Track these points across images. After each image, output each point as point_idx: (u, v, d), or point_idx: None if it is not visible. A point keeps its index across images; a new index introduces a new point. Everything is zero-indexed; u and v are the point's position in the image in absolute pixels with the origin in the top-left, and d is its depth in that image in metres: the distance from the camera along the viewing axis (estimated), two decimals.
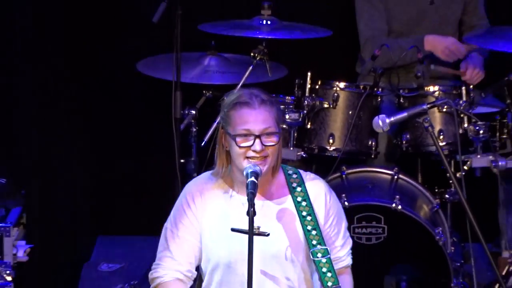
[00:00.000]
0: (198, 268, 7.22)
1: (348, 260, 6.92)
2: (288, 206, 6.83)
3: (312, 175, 7.02)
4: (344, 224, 6.93)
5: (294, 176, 6.93)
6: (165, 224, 6.91)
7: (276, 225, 6.78)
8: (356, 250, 6.94)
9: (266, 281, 6.83)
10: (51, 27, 10.27)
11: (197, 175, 7.59)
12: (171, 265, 6.85)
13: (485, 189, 9.17)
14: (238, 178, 6.69)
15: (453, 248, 8.55)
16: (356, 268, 6.86)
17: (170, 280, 6.86)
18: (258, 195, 6.62)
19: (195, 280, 6.97)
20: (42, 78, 10.49)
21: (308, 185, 6.91)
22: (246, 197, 6.39)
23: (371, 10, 9.53)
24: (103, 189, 10.44)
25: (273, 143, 6.55)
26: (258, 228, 6.43)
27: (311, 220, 6.81)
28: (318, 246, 6.68)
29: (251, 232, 6.28)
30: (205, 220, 6.87)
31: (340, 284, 6.74)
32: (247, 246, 6.36)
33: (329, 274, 6.64)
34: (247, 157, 6.53)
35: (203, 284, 7.00)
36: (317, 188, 6.92)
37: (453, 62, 9.67)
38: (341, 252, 6.87)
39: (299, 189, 6.87)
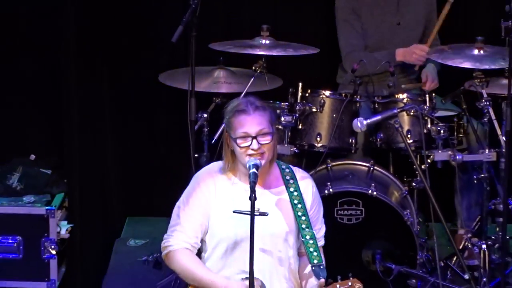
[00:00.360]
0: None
1: (322, 241, 7.18)
2: (282, 195, 7.07)
3: (301, 170, 7.32)
4: (322, 212, 7.24)
5: (287, 170, 7.15)
6: (177, 203, 7.16)
7: (273, 210, 6.99)
8: (339, 229, 7.26)
9: (265, 257, 7.02)
10: (92, 41, 10.26)
11: (206, 162, 8.09)
12: (181, 237, 7.06)
13: (445, 178, 9.27)
14: (241, 170, 6.95)
15: (418, 227, 8.73)
16: (339, 243, 7.16)
17: (179, 248, 7.08)
18: (257, 185, 6.82)
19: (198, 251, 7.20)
20: (84, 85, 10.15)
21: (299, 178, 7.17)
22: (248, 185, 6.67)
23: (350, 30, 9.68)
24: (131, 178, 10.57)
25: (267, 141, 6.83)
26: (258, 209, 6.62)
27: (301, 207, 7.02)
28: (307, 229, 6.95)
29: (253, 213, 6.45)
30: (213, 202, 7.06)
31: (323, 262, 6.99)
32: (249, 226, 6.61)
33: (315, 253, 6.87)
34: (248, 154, 6.82)
35: (205, 256, 7.21)
36: (306, 181, 7.18)
37: (417, 77, 9.73)
38: (319, 234, 7.13)
39: (291, 181, 7.09)
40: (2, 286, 9.70)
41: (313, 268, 6.81)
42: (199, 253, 7.16)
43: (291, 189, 7.10)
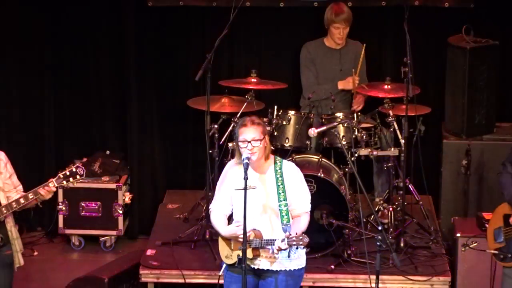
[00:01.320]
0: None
1: (307, 208, 7.16)
2: (270, 177, 7.11)
3: (289, 163, 7.31)
4: (303, 190, 7.20)
5: (279, 163, 7.14)
6: (217, 185, 7.34)
7: (264, 187, 7.10)
8: None
9: (260, 218, 7.04)
10: (147, 72, 10.35)
11: (218, 159, 8.36)
12: (218, 207, 7.21)
13: (366, 166, 9.46)
14: (241, 160, 6.93)
15: (349, 197, 8.88)
16: None
17: (213, 211, 7.23)
18: (254, 171, 7.09)
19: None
20: (141, 103, 10.37)
21: (285, 166, 7.16)
22: (250, 171, 6.92)
23: (308, 72, 9.67)
24: (170, 165, 10.45)
25: (257, 145, 6.92)
26: (250, 186, 6.81)
27: (282, 186, 7.04)
28: (282, 201, 6.96)
29: (245, 187, 6.69)
30: (232, 184, 7.15)
31: (291, 224, 7.00)
32: (250, 198, 6.85)
33: (285, 218, 6.93)
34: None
35: (233, 217, 7.21)
36: (291, 168, 7.21)
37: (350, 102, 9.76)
38: (301, 203, 7.11)
39: (279, 170, 7.10)
40: (89, 234, 9.96)
41: (282, 226, 6.92)
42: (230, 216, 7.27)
43: (278, 175, 7.13)
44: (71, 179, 7.10)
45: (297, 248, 7.00)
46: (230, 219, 7.33)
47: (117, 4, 10.09)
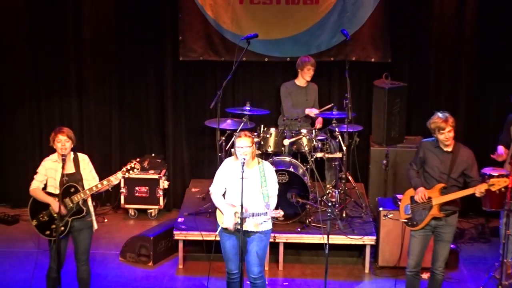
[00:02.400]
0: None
1: (275, 198, 7.06)
2: (257, 173, 7.02)
3: (268, 163, 7.21)
4: (274, 185, 7.07)
5: (261, 163, 7.05)
6: (216, 173, 7.18)
7: (253, 180, 6.99)
8: (279, 184, 7.19)
9: (249, 198, 6.92)
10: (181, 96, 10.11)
11: (225, 159, 8.20)
12: (216, 188, 7.07)
13: (320, 164, 9.31)
14: (239, 160, 6.86)
15: (310, 184, 8.73)
16: (280, 190, 7.19)
17: (213, 192, 7.09)
18: (246, 167, 6.92)
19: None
20: (175, 116, 10.16)
21: (265, 165, 7.09)
22: (241, 166, 6.81)
23: (287, 100, 9.40)
24: (193, 163, 10.31)
25: (248, 150, 6.85)
26: (242, 177, 6.76)
27: (264, 179, 6.98)
28: (264, 187, 6.92)
29: (242, 177, 6.71)
30: (227, 173, 7.06)
31: (269, 203, 6.96)
32: (241, 185, 6.78)
33: (266, 198, 6.89)
34: (240, 154, 6.86)
35: (224, 197, 7.12)
36: (269, 166, 7.12)
37: (312, 122, 9.56)
38: (272, 193, 7.01)
39: (261, 168, 7.03)
40: (140, 207, 9.91)
41: (265, 203, 6.88)
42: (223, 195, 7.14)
43: (261, 171, 7.04)
44: (130, 172, 7.17)
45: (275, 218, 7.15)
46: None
47: (161, 59, 9.93)
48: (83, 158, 7.19)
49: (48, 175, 7.04)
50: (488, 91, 9.66)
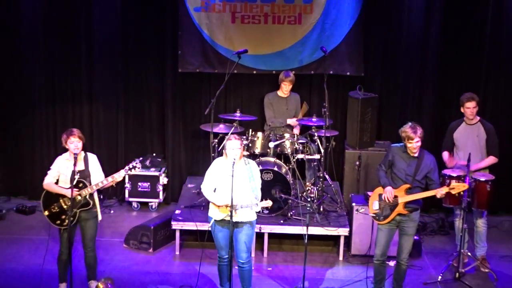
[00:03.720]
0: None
1: (259, 192, 7.02)
2: (245, 170, 6.99)
3: (254, 162, 7.21)
4: (259, 180, 7.08)
5: (247, 161, 7.04)
6: (206, 173, 7.12)
7: (242, 177, 6.95)
8: (264, 182, 7.39)
9: (240, 193, 6.91)
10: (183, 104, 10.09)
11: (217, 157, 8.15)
12: (206, 186, 7.02)
13: (301, 164, 9.19)
14: (229, 159, 6.87)
15: (291, 181, 8.66)
16: (264, 187, 7.31)
17: (208, 189, 7.02)
18: (236, 166, 6.86)
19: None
20: (174, 121, 10.06)
21: (251, 163, 7.09)
22: (231, 165, 6.80)
23: (269, 110, 9.32)
24: (190, 162, 10.24)
25: (237, 152, 6.87)
26: (232, 174, 6.75)
27: (252, 176, 6.97)
28: (251, 182, 6.93)
29: (233, 174, 6.72)
30: (218, 171, 7.02)
31: (257, 195, 6.98)
32: (231, 182, 6.77)
33: (255, 192, 6.92)
34: (231, 155, 6.88)
35: (215, 192, 7.02)
36: (254, 165, 7.11)
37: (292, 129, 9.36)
38: (258, 187, 7.03)
39: (248, 165, 7.01)
40: (142, 201, 9.84)
41: (255, 196, 6.90)
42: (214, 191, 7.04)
43: (248, 168, 7.01)
44: (133, 170, 7.19)
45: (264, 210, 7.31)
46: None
47: (162, 70, 9.89)
48: (92, 157, 7.22)
49: (60, 171, 7.06)
50: (449, 100, 9.59)
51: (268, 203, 7.01)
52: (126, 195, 9.82)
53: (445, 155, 8.10)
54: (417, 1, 9.41)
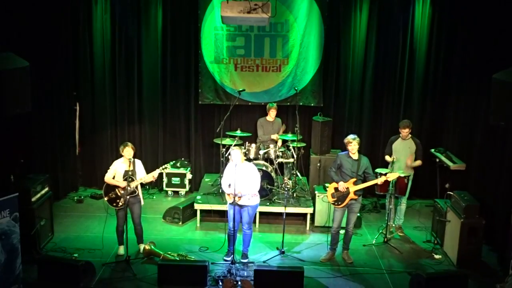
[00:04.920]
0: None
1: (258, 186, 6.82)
2: (246, 169, 6.87)
3: (253, 164, 7.10)
4: (257, 179, 6.93)
5: (247, 163, 6.93)
6: (223, 172, 6.95)
7: (243, 174, 6.84)
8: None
9: (242, 184, 6.81)
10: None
11: (225, 163, 7.80)
12: (223, 181, 7.00)
13: (281, 165, 9.02)
14: (233, 162, 6.82)
15: (275, 177, 8.53)
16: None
17: (224, 183, 6.97)
18: (239, 167, 6.78)
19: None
20: (196, 138, 9.70)
21: (250, 165, 6.95)
22: (236, 165, 6.78)
23: (260, 130, 9.07)
24: (207, 164, 9.88)
25: (238, 158, 6.85)
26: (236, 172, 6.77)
27: (250, 175, 6.83)
28: (252, 178, 6.79)
29: (235, 173, 6.77)
30: (229, 171, 6.93)
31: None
32: (237, 177, 6.76)
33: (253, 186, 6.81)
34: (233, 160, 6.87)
35: (228, 186, 6.85)
36: (252, 166, 6.94)
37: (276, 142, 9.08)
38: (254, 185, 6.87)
39: (247, 167, 6.88)
40: (174, 190, 9.58)
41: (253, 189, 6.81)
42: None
43: (247, 169, 6.87)
44: (164, 170, 7.22)
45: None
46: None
47: (188, 101, 9.62)
48: (138, 162, 7.21)
49: (116, 170, 7.09)
50: (380, 119, 9.50)
51: (255, 194, 6.88)
52: (164, 186, 9.66)
53: (387, 158, 8.05)
54: (357, 57, 9.30)
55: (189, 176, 9.70)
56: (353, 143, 6.95)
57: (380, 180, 7.07)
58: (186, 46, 9.25)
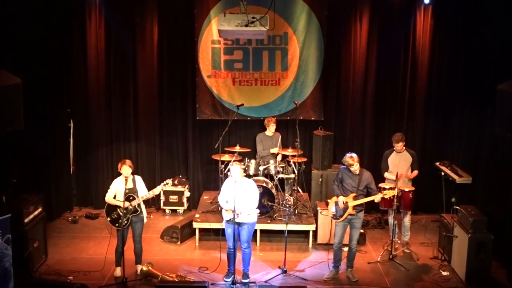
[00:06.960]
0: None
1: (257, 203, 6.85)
2: (244, 186, 6.89)
3: (251, 180, 7.02)
4: (255, 196, 6.93)
5: (247, 180, 6.96)
6: (221, 189, 6.96)
7: (241, 190, 6.86)
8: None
9: (240, 201, 6.80)
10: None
11: (224, 179, 7.62)
12: (221, 197, 6.99)
13: (282, 182, 8.99)
14: (233, 178, 6.83)
15: (275, 193, 8.48)
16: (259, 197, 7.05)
17: (222, 200, 6.95)
18: (238, 183, 6.80)
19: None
20: (194, 155, 9.67)
21: (250, 181, 6.98)
22: (235, 182, 6.80)
23: (260, 145, 9.07)
24: (205, 181, 9.83)
25: (238, 173, 6.84)
26: (235, 189, 6.77)
27: (249, 191, 6.86)
28: (248, 197, 6.82)
29: (235, 189, 6.78)
30: (227, 187, 6.92)
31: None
32: (236, 194, 6.75)
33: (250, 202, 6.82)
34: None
35: (226, 203, 6.83)
36: (251, 182, 6.97)
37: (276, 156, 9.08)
38: (253, 201, 6.89)
39: (246, 183, 6.90)
40: (172, 208, 9.52)
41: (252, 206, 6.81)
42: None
43: (246, 185, 6.87)
44: (165, 186, 7.18)
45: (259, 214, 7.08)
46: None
47: (185, 117, 9.60)
48: (138, 178, 7.21)
49: (116, 189, 7.07)
50: (382, 132, 9.48)
51: (258, 212, 6.87)
52: (161, 204, 9.63)
53: (386, 175, 8.06)
54: (358, 70, 9.34)
55: (187, 193, 9.65)
56: (354, 164, 6.97)
57: (377, 198, 7.00)
58: (183, 61, 9.22)
